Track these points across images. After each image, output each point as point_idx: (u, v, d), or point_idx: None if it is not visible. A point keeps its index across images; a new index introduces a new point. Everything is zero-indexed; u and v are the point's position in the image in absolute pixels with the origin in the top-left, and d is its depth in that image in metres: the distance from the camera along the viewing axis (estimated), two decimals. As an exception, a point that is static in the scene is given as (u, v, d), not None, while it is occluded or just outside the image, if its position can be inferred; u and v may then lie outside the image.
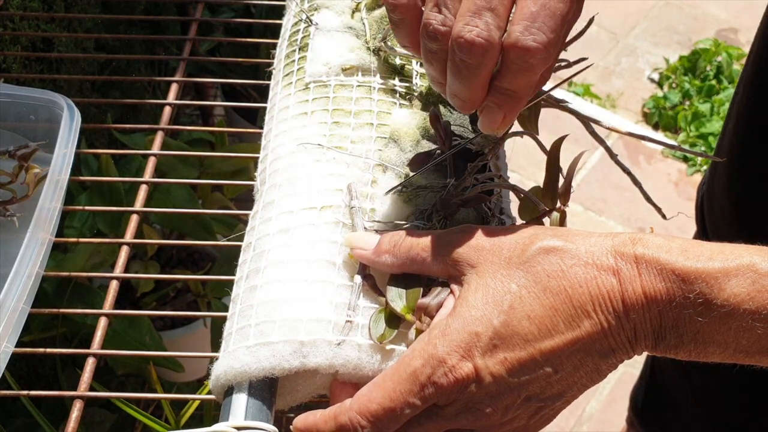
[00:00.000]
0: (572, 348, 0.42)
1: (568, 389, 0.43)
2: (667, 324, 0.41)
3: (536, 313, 0.42)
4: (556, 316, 0.41)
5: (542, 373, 0.42)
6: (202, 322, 1.17)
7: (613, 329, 0.41)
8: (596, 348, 0.42)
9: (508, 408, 0.42)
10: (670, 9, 2.54)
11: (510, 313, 0.42)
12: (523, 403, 0.43)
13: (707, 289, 0.39)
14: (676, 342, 0.41)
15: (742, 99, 0.77)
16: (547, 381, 0.42)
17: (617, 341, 0.42)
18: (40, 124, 0.68)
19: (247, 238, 0.53)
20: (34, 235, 0.58)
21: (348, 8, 0.64)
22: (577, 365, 0.42)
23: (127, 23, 1.27)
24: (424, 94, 0.58)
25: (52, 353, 0.64)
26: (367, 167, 0.53)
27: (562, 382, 0.42)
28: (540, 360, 0.42)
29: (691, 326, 0.40)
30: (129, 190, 0.96)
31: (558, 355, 0.42)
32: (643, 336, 0.41)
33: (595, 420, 1.62)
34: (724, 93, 2.23)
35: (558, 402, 0.44)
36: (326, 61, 0.60)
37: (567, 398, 0.44)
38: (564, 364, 0.42)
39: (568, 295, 0.42)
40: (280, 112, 0.60)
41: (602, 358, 0.42)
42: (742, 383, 0.78)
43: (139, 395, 0.65)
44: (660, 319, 0.41)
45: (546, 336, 0.41)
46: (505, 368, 0.41)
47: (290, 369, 0.44)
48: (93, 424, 0.99)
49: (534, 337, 0.41)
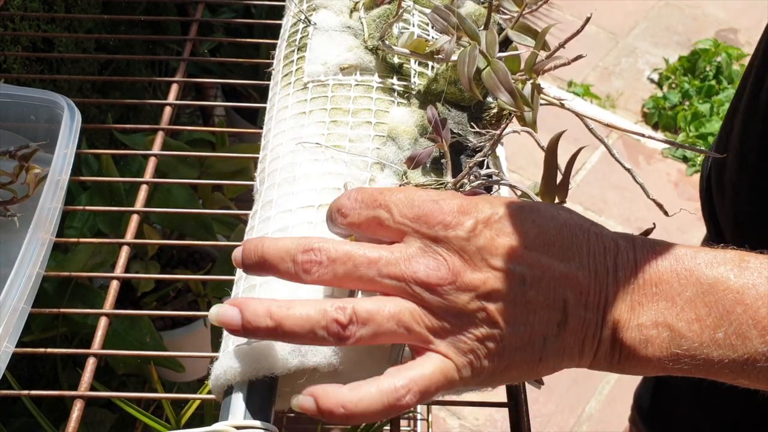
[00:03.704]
0: (553, 279, 0.41)
1: (517, 339, 0.41)
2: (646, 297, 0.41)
3: (541, 225, 0.42)
4: (555, 239, 0.41)
5: (517, 275, 0.40)
6: (203, 322, 1.17)
7: (596, 282, 0.41)
8: (571, 298, 0.41)
9: (467, 286, 0.40)
10: (670, 9, 2.54)
11: (519, 211, 0.42)
12: (478, 302, 0.40)
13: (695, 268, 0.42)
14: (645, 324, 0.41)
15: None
16: (514, 293, 0.40)
17: (593, 301, 0.41)
18: (41, 125, 0.68)
19: (247, 237, 0.54)
20: (34, 235, 0.58)
21: (346, 8, 0.64)
22: (544, 305, 0.41)
23: (127, 23, 1.27)
24: (422, 92, 0.59)
25: (52, 353, 0.64)
26: (366, 166, 0.53)
27: (519, 317, 0.40)
28: (525, 259, 0.41)
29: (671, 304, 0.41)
30: (129, 190, 0.96)
31: (541, 270, 0.41)
32: (617, 307, 0.41)
33: (595, 420, 1.62)
34: (723, 93, 2.24)
35: (500, 346, 0.41)
36: (324, 60, 0.60)
37: (506, 361, 0.41)
38: (538, 287, 0.41)
39: (571, 231, 0.42)
40: (279, 112, 0.60)
41: (563, 326, 0.41)
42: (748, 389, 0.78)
43: (139, 395, 0.65)
44: (643, 290, 0.41)
45: (540, 248, 0.41)
46: (495, 242, 0.41)
47: (289, 368, 0.45)
48: (93, 423, 0.99)
49: (531, 242, 0.41)
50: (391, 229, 0.43)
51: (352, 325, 0.40)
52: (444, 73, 0.58)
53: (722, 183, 0.80)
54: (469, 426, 1.61)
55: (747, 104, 0.75)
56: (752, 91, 0.74)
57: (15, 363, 0.93)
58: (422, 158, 0.53)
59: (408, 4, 0.64)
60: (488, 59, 0.52)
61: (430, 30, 0.64)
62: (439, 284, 0.40)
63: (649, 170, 2.12)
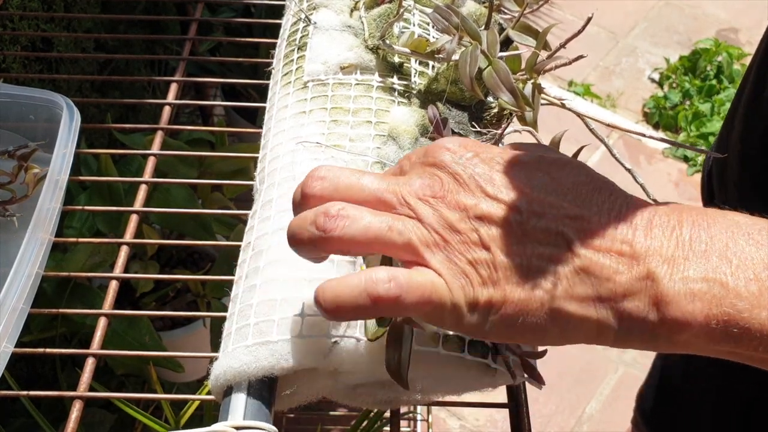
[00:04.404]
0: (558, 217, 0.37)
1: (512, 272, 0.37)
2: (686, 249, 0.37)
3: (554, 174, 0.39)
4: (569, 190, 0.39)
5: (513, 205, 0.37)
6: (202, 322, 1.17)
7: (618, 231, 0.37)
8: (577, 239, 0.37)
9: (457, 204, 0.38)
10: (670, 9, 2.54)
11: (532, 160, 0.40)
12: (470, 222, 0.38)
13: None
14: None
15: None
16: (509, 222, 0.37)
17: (611, 247, 0.37)
18: (40, 124, 0.68)
19: (246, 237, 0.53)
20: (33, 235, 0.57)
21: (347, 7, 0.64)
22: (545, 241, 0.37)
23: (126, 23, 1.27)
24: (423, 91, 0.58)
25: (51, 353, 0.64)
26: (366, 165, 0.53)
27: (515, 249, 0.37)
28: (526, 194, 0.38)
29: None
30: (129, 190, 0.96)
31: (541, 206, 0.38)
32: (651, 259, 0.37)
33: (595, 420, 1.62)
34: (724, 93, 2.23)
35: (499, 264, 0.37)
36: (325, 59, 0.59)
37: (503, 297, 0.37)
38: (537, 220, 0.38)
39: (594, 186, 0.39)
40: (278, 111, 0.60)
41: (569, 267, 0.37)
42: (755, 392, 0.78)
43: (139, 395, 0.65)
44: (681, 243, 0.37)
45: (546, 190, 0.38)
46: (492, 173, 0.39)
47: (289, 368, 0.44)
48: (93, 424, 0.99)
49: (537, 184, 0.39)
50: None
51: (340, 219, 0.38)
52: (445, 73, 0.58)
53: (724, 182, 0.80)
54: (470, 426, 1.60)
55: (748, 103, 0.75)
56: (753, 90, 0.74)
57: (14, 363, 0.93)
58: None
59: (409, 4, 0.64)
60: (489, 59, 0.52)
61: (430, 29, 0.63)
62: (433, 196, 0.39)
63: (650, 170, 2.11)
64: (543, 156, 0.41)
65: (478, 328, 0.39)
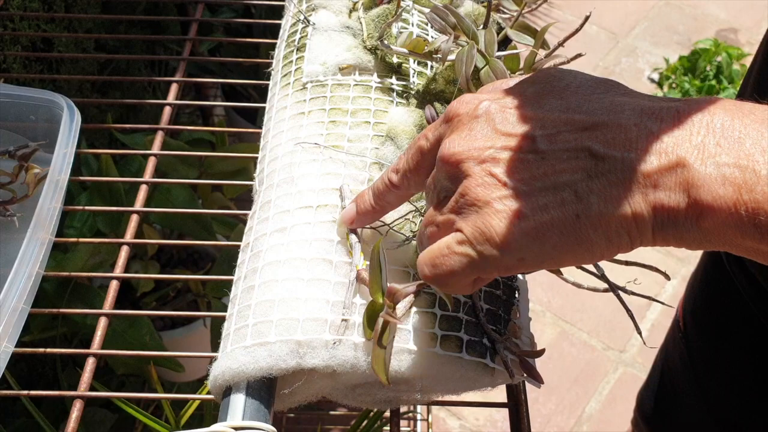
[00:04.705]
0: (572, 131, 0.38)
1: (535, 198, 0.37)
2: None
3: (562, 91, 0.40)
4: (582, 101, 0.39)
5: (526, 135, 0.38)
6: (202, 322, 1.17)
7: (638, 125, 0.36)
8: (595, 145, 0.36)
9: (471, 155, 0.39)
10: (670, 9, 2.54)
11: (540, 82, 0.41)
12: (482, 165, 0.38)
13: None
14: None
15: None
16: (523, 151, 0.38)
17: (634, 141, 0.36)
18: (40, 124, 0.68)
19: (245, 238, 0.54)
20: (34, 235, 0.58)
21: (345, 8, 0.64)
22: (563, 158, 0.37)
23: (127, 23, 1.28)
24: (421, 92, 0.59)
25: (52, 353, 0.64)
26: (364, 165, 0.53)
27: (534, 174, 0.37)
28: (537, 119, 0.39)
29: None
30: (129, 190, 0.96)
31: (554, 124, 0.38)
32: (679, 146, 0.35)
33: (595, 420, 1.62)
34: (724, 93, 2.23)
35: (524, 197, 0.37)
36: (323, 60, 0.60)
37: (532, 222, 0.37)
38: (553, 140, 0.38)
39: (606, 88, 0.39)
40: (278, 112, 0.60)
41: (594, 171, 0.36)
42: (756, 391, 0.78)
43: (139, 395, 0.65)
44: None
45: (555, 108, 0.39)
46: (504, 111, 0.40)
47: (287, 369, 0.44)
48: (93, 424, 0.99)
49: (545, 105, 0.39)
50: (432, 148, 0.43)
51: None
52: (443, 73, 0.58)
53: None
54: (469, 426, 1.61)
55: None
56: (752, 94, 0.74)
57: (14, 363, 0.93)
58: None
59: (407, 4, 0.64)
60: (487, 58, 0.52)
61: (429, 29, 0.64)
62: (456, 154, 0.40)
63: (649, 170, 2.11)
64: (552, 84, 0.41)
65: (521, 265, 0.38)
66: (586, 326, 1.76)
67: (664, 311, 1.73)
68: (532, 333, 0.50)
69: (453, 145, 0.40)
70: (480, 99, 0.41)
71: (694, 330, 0.85)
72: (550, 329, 1.74)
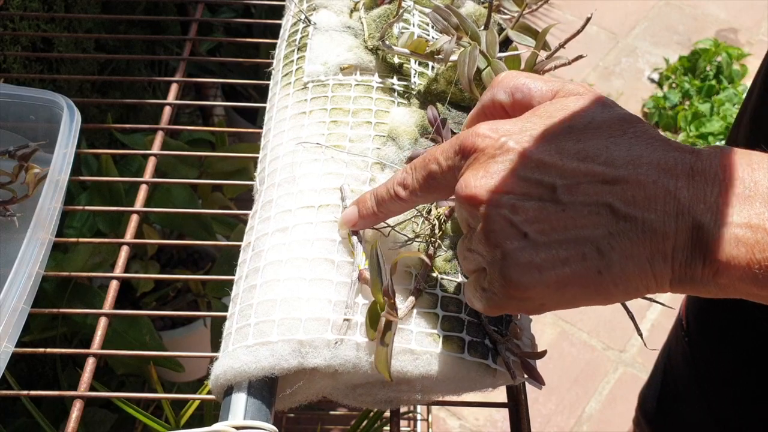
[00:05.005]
0: (594, 183, 0.38)
1: (556, 251, 0.38)
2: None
3: (582, 135, 0.39)
4: (602, 150, 0.38)
5: (546, 184, 0.38)
6: (202, 322, 1.17)
7: (658, 184, 0.37)
8: (616, 202, 0.37)
9: (490, 200, 0.39)
10: (670, 9, 2.54)
11: (559, 123, 0.40)
12: (503, 210, 0.38)
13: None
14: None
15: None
16: (543, 200, 0.38)
17: (654, 201, 0.37)
18: (40, 124, 0.68)
19: (247, 237, 0.54)
20: (34, 235, 0.58)
21: (346, 8, 0.64)
22: (585, 212, 0.37)
23: (127, 23, 1.27)
24: (423, 92, 0.59)
25: (52, 353, 0.64)
26: (366, 165, 0.53)
27: (554, 226, 0.38)
28: (557, 168, 0.38)
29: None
30: (129, 190, 0.96)
31: (575, 176, 0.38)
32: (695, 207, 0.36)
33: (595, 420, 1.62)
34: (723, 93, 2.23)
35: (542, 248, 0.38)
36: (325, 60, 0.60)
37: (555, 276, 0.38)
38: (573, 192, 0.38)
39: (629, 141, 0.39)
40: (278, 112, 0.60)
41: (616, 229, 0.37)
42: (758, 393, 0.78)
43: (139, 395, 0.65)
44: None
45: (577, 157, 0.38)
46: (523, 154, 0.39)
47: (289, 369, 0.44)
48: (93, 423, 0.99)
49: (566, 151, 0.38)
50: (444, 175, 0.43)
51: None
52: (444, 74, 0.58)
53: None
54: (469, 426, 1.61)
55: (753, 112, 0.74)
56: (759, 99, 0.74)
57: (14, 363, 0.93)
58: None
59: (408, 4, 0.64)
60: (488, 59, 0.52)
61: (430, 30, 0.64)
62: (474, 197, 0.40)
63: (649, 170, 2.11)
64: (573, 121, 0.41)
65: (542, 309, 0.40)
66: (586, 326, 1.76)
67: (664, 312, 1.73)
68: (533, 334, 0.50)
69: (471, 185, 0.40)
70: (498, 134, 0.41)
71: (696, 330, 0.85)
72: (550, 329, 1.74)
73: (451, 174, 0.42)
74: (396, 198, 0.46)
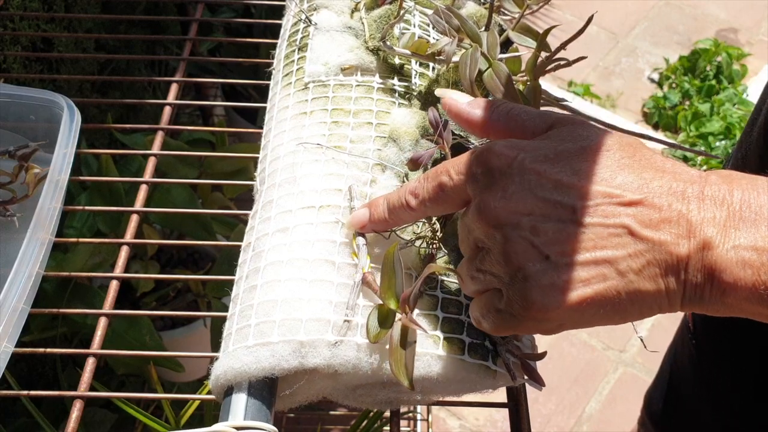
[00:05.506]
0: (612, 204, 0.39)
1: (577, 271, 0.39)
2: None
3: (600, 163, 0.40)
4: (617, 172, 0.40)
5: (567, 205, 0.39)
6: (202, 322, 1.17)
7: (672, 207, 0.39)
8: (632, 223, 0.39)
9: (510, 220, 0.40)
10: (670, 9, 2.54)
11: (577, 150, 0.41)
12: (525, 232, 0.39)
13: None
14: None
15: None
16: (563, 221, 0.39)
17: (667, 223, 0.39)
18: (40, 124, 0.68)
19: (247, 237, 0.53)
20: (34, 235, 0.58)
21: (347, 8, 0.64)
22: (604, 234, 0.39)
23: (127, 23, 1.27)
24: (423, 93, 0.59)
25: (52, 353, 0.64)
26: (366, 167, 0.53)
27: (576, 246, 0.39)
28: (576, 189, 0.39)
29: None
30: (129, 190, 0.96)
31: (593, 199, 0.39)
32: (705, 230, 0.38)
33: (595, 420, 1.62)
34: (723, 93, 2.23)
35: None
36: (325, 60, 0.60)
37: (578, 296, 0.39)
38: (592, 214, 0.39)
39: (641, 168, 0.40)
40: (279, 112, 0.60)
41: (632, 250, 0.38)
42: (763, 397, 0.78)
43: (139, 395, 0.65)
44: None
45: (596, 181, 0.39)
46: (541, 175, 0.40)
47: (289, 369, 0.44)
48: (93, 424, 0.99)
49: (586, 176, 0.39)
50: (454, 188, 0.43)
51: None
52: (445, 75, 0.58)
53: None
54: (469, 426, 1.61)
55: (766, 122, 0.74)
56: (760, 138, 0.73)
57: (14, 363, 0.93)
58: (423, 160, 0.52)
59: (409, 5, 0.64)
60: (490, 61, 0.52)
61: (431, 31, 0.64)
62: (494, 218, 0.40)
63: (649, 170, 2.11)
64: (582, 144, 0.41)
65: (560, 329, 0.41)
66: (586, 326, 1.75)
67: (664, 311, 1.73)
68: (533, 335, 0.50)
69: (490, 206, 0.40)
70: (514, 152, 0.41)
71: (702, 332, 0.85)
72: (549, 329, 1.74)
73: (462, 188, 0.43)
74: (407, 206, 0.46)
